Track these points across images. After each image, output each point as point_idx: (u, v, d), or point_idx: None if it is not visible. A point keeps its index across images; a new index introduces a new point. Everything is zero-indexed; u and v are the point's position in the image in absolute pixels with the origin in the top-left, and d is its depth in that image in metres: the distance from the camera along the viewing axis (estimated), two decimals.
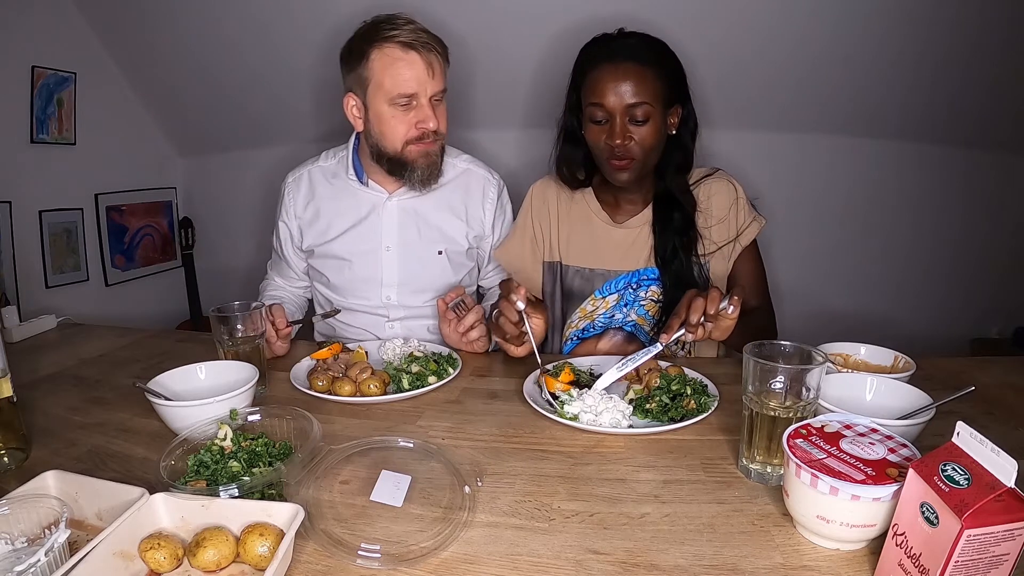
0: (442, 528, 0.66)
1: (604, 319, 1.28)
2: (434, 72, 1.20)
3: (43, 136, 2.16)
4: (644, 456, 0.81)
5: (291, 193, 1.43)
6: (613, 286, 1.27)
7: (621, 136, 1.12)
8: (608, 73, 1.11)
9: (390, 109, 1.21)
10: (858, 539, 0.60)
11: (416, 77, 1.19)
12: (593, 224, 1.29)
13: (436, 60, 1.20)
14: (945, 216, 2.43)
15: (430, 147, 1.26)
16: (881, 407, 0.80)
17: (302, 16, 2.11)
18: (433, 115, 1.22)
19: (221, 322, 1.02)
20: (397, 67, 1.18)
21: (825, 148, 2.35)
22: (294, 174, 1.44)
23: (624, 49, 1.13)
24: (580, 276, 1.29)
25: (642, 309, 1.26)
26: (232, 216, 2.84)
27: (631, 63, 1.11)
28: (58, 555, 0.54)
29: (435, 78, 1.21)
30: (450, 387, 1.06)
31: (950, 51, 1.97)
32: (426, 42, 1.19)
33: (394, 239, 1.36)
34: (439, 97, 1.24)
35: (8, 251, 2.05)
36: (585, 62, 1.17)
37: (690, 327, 0.95)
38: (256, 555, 0.59)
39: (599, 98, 1.12)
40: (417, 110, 1.22)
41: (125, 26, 2.28)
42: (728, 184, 1.25)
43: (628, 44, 1.14)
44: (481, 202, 1.41)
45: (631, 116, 1.11)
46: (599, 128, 1.15)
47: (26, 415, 0.90)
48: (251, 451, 0.75)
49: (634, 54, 1.12)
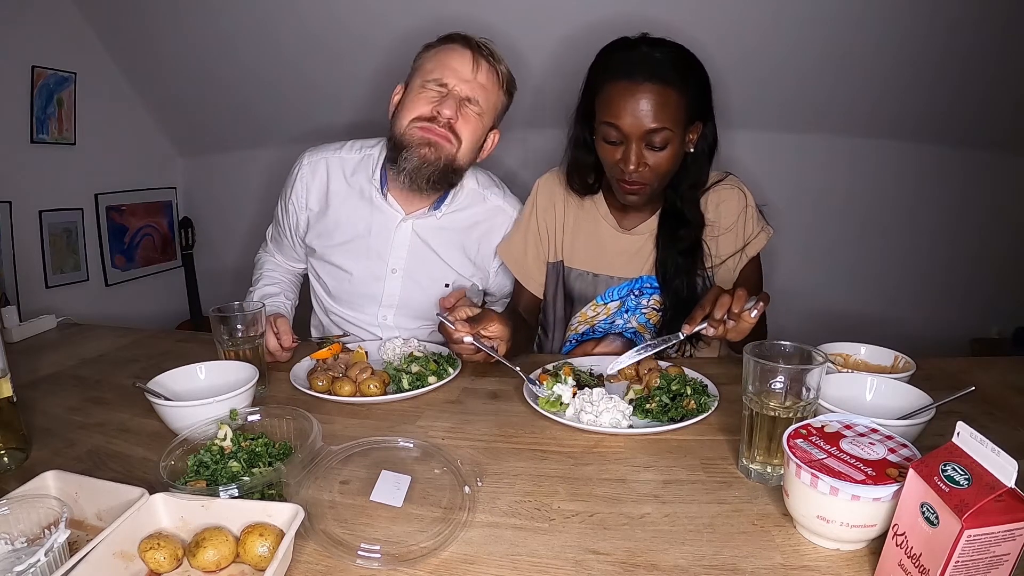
0: (442, 528, 0.66)
1: (605, 324, 1.27)
2: (478, 71, 1.17)
3: (43, 136, 2.16)
4: (644, 456, 0.81)
5: (304, 179, 1.32)
6: (616, 292, 1.25)
7: (636, 163, 1.06)
8: (627, 92, 1.02)
9: (420, 89, 1.18)
10: (858, 539, 0.60)
11: (456, 67, 1.16)
12: (600, 228, 1.25)
13: (490, 70, 1.19)
14: (945, 216, 2.43)
15: (433, 135, 1.16)
16: (881, 407, 0.80)
17: (301, 16, 2.11)
18: (453, 105, 1.16)
19: (221, 322, 1.02)
20: (442, 54, 1.18)
21: (824, 148, 2.35)
22: (311, 156, 1.33)
23: (647, 65, 1.03)
24: (582, 279, 1.27)
25: (643, 316, 1.25)
26: (232, 216, 2.85)
27: (653, 83, 1.01)
28: (58, 555, 0.54)
29: (474, 80, 1.17)
30: (450, 387, 1.06)
31: (949, 51, 1.97)
32: (489, 54, 1.19)
33: (401, 263, 1.30)
34: (473, 103, 1.18)
35: (8, 251, 2.05)
36: (603, 71, 1.08)
37: (713, 321, 0.94)
38: (256, 555, 0.59)
39: (615, 118, 1.04)
40: (443, 99, 1.17)
41: (125, 26, 2.28)
42: (738, 192, 1.22)
43: (652, 59, 1.03)
44: (494, 240, 1.35)
45: (648, 142, 1.05)
46: (612, 147, 1.08)
47: (26, 415, 0.90)
48: (251, 451, 0.75)
49: (657, 72, 1.02)
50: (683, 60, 1.07)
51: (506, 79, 1.23)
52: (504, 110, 1.27)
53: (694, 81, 1.07)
